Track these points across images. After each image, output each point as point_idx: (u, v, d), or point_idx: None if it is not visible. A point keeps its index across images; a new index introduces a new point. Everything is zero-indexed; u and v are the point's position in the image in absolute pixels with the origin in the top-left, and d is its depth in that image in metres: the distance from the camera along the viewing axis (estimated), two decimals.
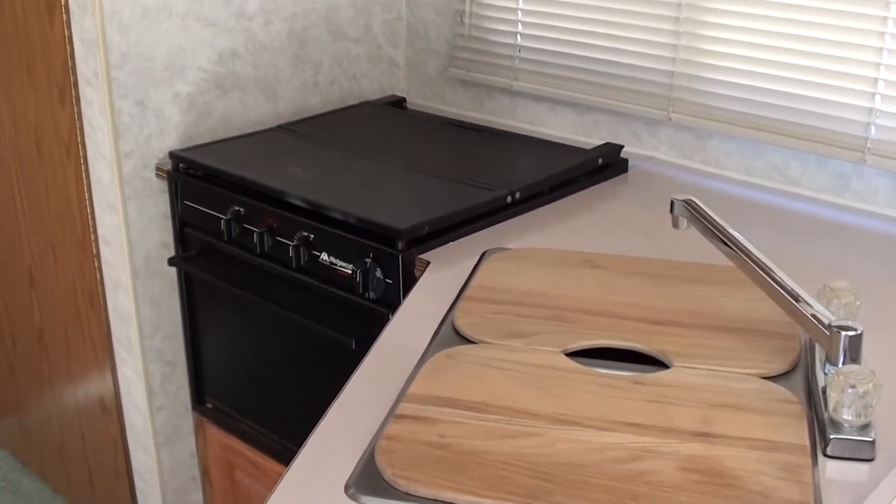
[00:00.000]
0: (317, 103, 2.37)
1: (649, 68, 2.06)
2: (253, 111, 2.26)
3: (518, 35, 2.26)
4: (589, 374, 1.26)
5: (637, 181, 2.01)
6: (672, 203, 1.41)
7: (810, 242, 1.73)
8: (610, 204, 1.90)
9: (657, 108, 2.07)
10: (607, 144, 2.06)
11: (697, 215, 1.38)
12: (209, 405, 2.22)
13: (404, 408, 1.18)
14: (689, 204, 1.40)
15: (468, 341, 1.35)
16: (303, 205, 1.80)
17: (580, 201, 1.90)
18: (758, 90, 1.93)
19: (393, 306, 1.65)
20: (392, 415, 1.17)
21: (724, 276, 1.50)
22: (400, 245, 1.64)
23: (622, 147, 2.04)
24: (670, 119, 2.05)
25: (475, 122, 2.31)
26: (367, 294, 1.69)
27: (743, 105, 1.95)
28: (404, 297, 1.59)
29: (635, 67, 2.08)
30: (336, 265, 1.75)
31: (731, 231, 1.34)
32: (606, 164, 2.00)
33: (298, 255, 1.79)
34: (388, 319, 1.58)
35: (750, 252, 1.31)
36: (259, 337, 2.00)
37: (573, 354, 1.31)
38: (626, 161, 2.04)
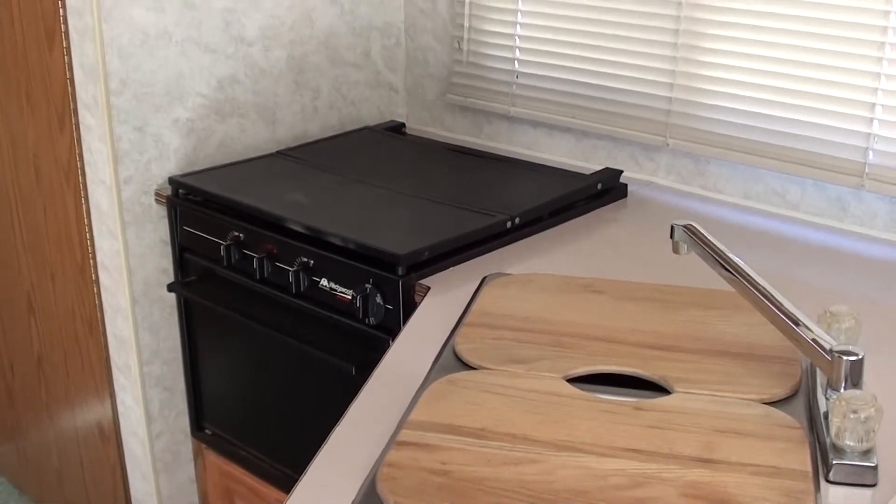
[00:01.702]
0: (316, 129, 2.38)
1: (647, 94, 2.07)
2: (252, 137, 2.27)
3: (516, 61, 2.27)
4: (590, 399, 1.26)
5: (636, 206, 2.01)
6: (672, 228, 1.41)
7: (810, 267, 1.73)
8: (609, 229, 1.90)
9: (655, 134, 2.08)
10: (606, 170, 2.06)
11: (697, 240, 1.38)
12: (208, 431, 2.21)
13: (405, 434, 1.18)
14: (689, 229, 1.40)
15: (469, 367, 1.34)
16: (302, 230, 1.80)
17: (580, 226, 1.90)
18: (756, 115, 1.93)
19: (393, 332, 1.65)
20: (393, 442, 1.17)
21: (725, 301, 1.50)
22: (400, 270, 1.64)
23: (621, 172, 2.05)
24: (668, 145, 2.06)
25: (474, 147, 2.31)
26: (367, 320, 1.69)
27: (741, 130, 1.96)
28: (404, 322, 1.59)
29: (633, 93, 2.09)
30: (336, 291, 1.75)
31: (731, 256, 1.34)
32: (605, 189, 2.00)
33: (298, 280, 1.79)
34: (388, 345, 1.59)
35: (750, 277, 1.31)
36: (259, 363, 2.00)
37: (574, 380, 1.31)
38: (625, 186, 2.04)
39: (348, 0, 2.36)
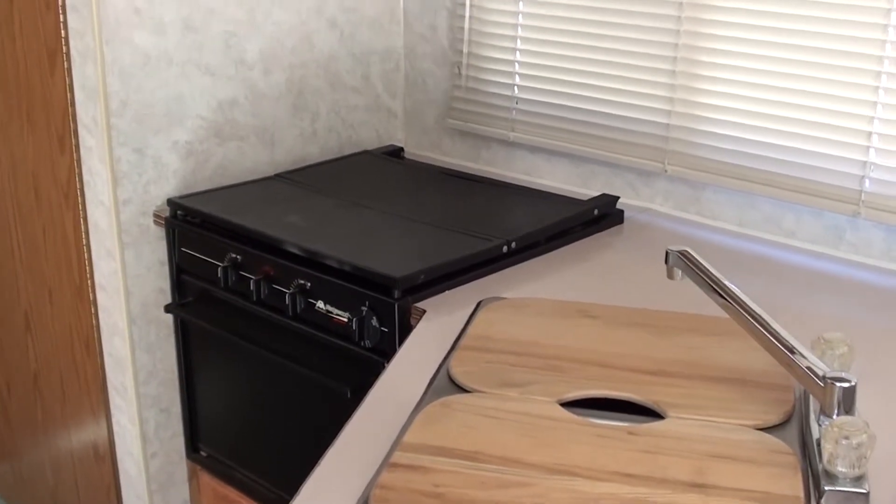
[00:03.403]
0: (315, 152, 2.39)
1: (645, 121, 2.08)
2: (251, 159, 2.28)
3: (515, 87, 2.28)
4: (583, 424, 1.26)
5: (633, 232, 2.02)
6: (667, 254, 1.41)
7: (804, 294, 1.73)
8: (606, 254, 1.90)
9: (653, 160, 2.09)
10: (603, 195, 2.07)
11: (692, 266, 1.38)
12: (203, 453, 2.21)
13: (399, 457, 1.18)
14: (683, 255, 1.40)
15: (463, 390, 1.35)
16: (299, 253, 1.80)
17: (576, 251, 1.90)
18: (753, 143, 1.95)
19: (388, 355, 1.65)
20: (386, 464, 1.17)
21: (719, 327, 1.50)
22: (396, 293, 1.65)
23: (618, 198, 2.06)
24: (666, 171, 2.06)
25: (472, 172, 2.32)
26: (362, 342, 1.70)
27: (738, 157, 1.97)
28: (400, 345, 1.59)
29: (631, 120, 2.10)
30: (332, 313, 1.75)
31: (725, 282, 1.35)
32: (602, 214, 2.01)
33: (295, 302, 1.79)
34: (383, 368, 1.59)
35: (744, 303, 1.32)
36: (254, 384, 2.00)
37: (568, 404, 1.31)
38: (622, 212, 2.05)
39: (348, 24, 2.38)
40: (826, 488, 1.12)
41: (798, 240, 1.96)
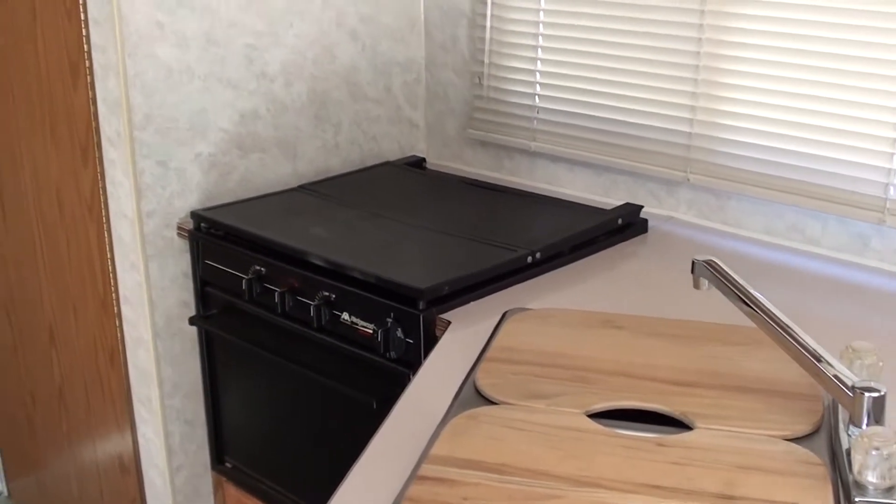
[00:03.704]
0: (337, 164, 2.39)
1: (668, 129, 2.08)
2: (274, 171, 2.28)
3: (536, 96, 2.28)
4: (611, 435, 1.26)
5: (657, 241, 2.01)
6: (693, 264, 1.41)
7: (831, 302, 1.72)
8: (630, 264, 1.90)
9: (676, 169, 2.08)
10: (627, 205, 2.06)
11: (718, 276, 1.38)
12: (229, 465, 2.22)
13: (426, 469, 1.18)
14: (710, 264, 1.40)
15: (490, 402, 1.34)
16: (324, 265, 1.81)
17: (600, 261, 1.90)
18: (777, 150, 1.94)
19: (414, 366, 1.65)
20: (414, 476, 1.17)
21: (745, 337, 1.50)
22: (421, 305, 1.65)
23: (642, 207, 2.05)
24: (689, 180, 2.06)
25: (494, 182, 2.32)
26: (388, 354, 1.70)
27: (762, 165, 1.96)
28: (425, 356, 1.59)
29: (654, 129, 2.10)
30: (357, 325, 1.75)
31: (752, 291, 1.34)
32: (626, 224, 2.01)
33: (319, 314, 1.79)
34: (409, 379, 1.59)
35: (771, 312, 1.31)
36: (279, 397, 2.00)
37: (595, 415, 1.31)
38: (645, 221, 2.04)
39: (369, 36, 2.38)
40: (856, 499, 1.11)
41: (823, 248, 1.95)
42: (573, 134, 2.24)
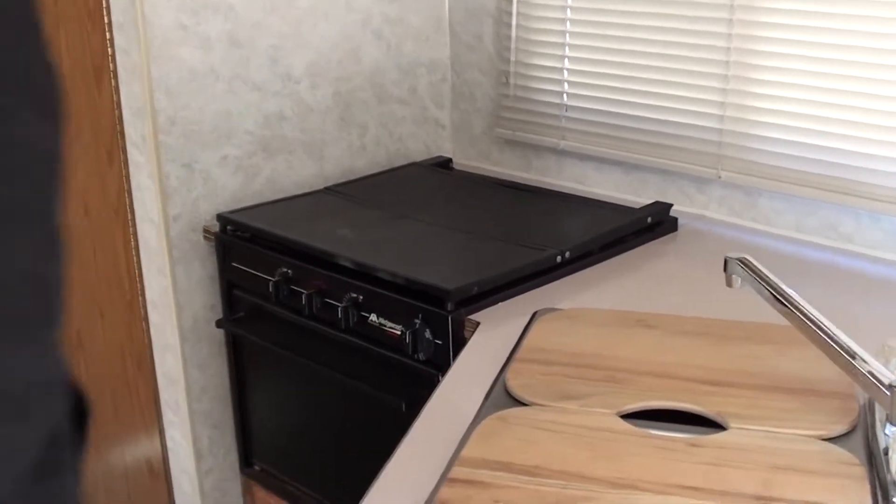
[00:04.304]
0: (363, 165, 2.38)
1: (698, 126, 2.05)
2: (300, 173, 2.27)
3: (564, 94, 2.26)
4: (644, 436, 1.24)
5: (687, 240, 1.99)
6: (725, 261, 1.39)
7: (866, 300, 1.70)
8: (660, 263, 1.88)
9: (706, 167, 2.05)
10: (657, 203, 2.04)
11: (752, 273, 1.36)
12: (257, 467, 2.21)
13: (457, 472, 1.16)
14: (743, 262, 1.37)
15: (521, 403, 1.33)
16: (351, 266, 1.79)
17: (630, 260, 1.88)
18: (808, 146, 1.91)
19: (443, 367, 1.64)
20: (445, 479, 1.15)
21: (778, 336, 1.47)
22: (449, 306, 1.63)
23: (671, 206, 2.03)
24: (720, 177, 2.03)
25: (522, 181, 2.30)
26: (416, 355, 1.68)
27: (794, 162, 1.93)
28: (454, 358, 1.58)
29: (684, 125, 2.07)
30: (385, 326, 1.74)
31: (785, 289, 1.32)
32: (656, 222, 1.98)
33: (347, 316, 1.78)
34: (437, 381, 1.57)
35: (806, 310, 1.29)
36: (307, 399, 1.99)
37: (627, 416, 1.29)
38: (675, 220, 2.02)
39: (394, 36, 2.37)
40: (895, 499, 1.09)
41: (857, 245, 1.92)
42: (602, 132, 2.21)
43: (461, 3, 2.44)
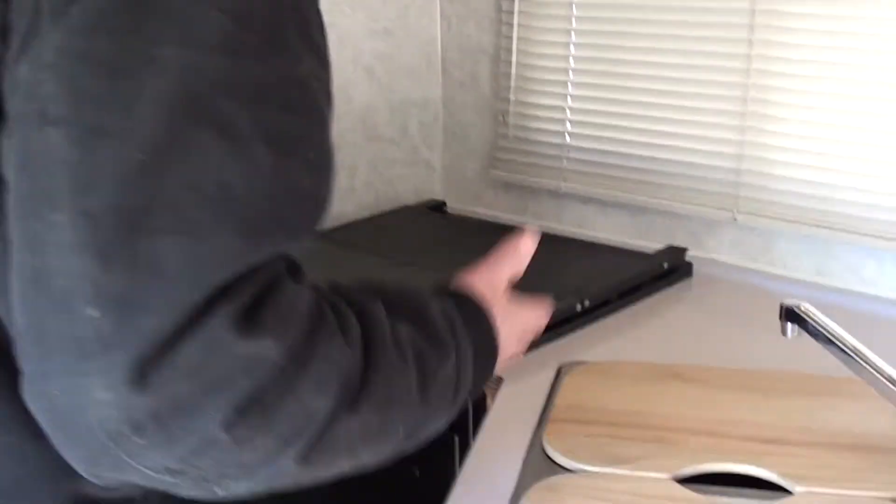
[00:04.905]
0: (352, 208, 2.25)
1: (712, 166, 1.94)
2: None
3: (566, 134, 2.15)
4: None
5: (703, 286, 1.89)
6: (781, 308, 1.28)
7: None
8: (680, 311, 1.78)
9: (721, 209, 1.95)
10: (671, 248, 1.93)
11: (811, 321, 1.25)
12: None
13: None
14: (799, 309, 1.27)
15: (564, 470, 1.21)
16: None
17: (648, 308, 1.77)
18: (828, 186, 1.82)
19: (459, 429, 1.50)
20: None
21: (825, 388, 1.37)
22: None
23: (686, 250, 1.92)
24: (736, 220, 1.93)
25: (519, 225, 2.19)
26: None
27: (813, 202, 1.84)
28: (473, 417, 1.45)
29: (696, 166, 1.97)
30: None
31: (848, 338, 1.22)
32: (671, 268, 1.88)
33: None
34: (453, 442, 1.45)
35: (872, 361, 1.19)
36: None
37: (683, 481, 1.18)
38: (690, 265, 1.91)
39: (385, 74, 2.25)
40: None
41: (881, 289, 1.83)
42: (607, 173, 2.10)
43: (455, 40, 2.33)
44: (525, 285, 1.73)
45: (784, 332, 1.29)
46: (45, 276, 0.67)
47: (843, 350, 1.21)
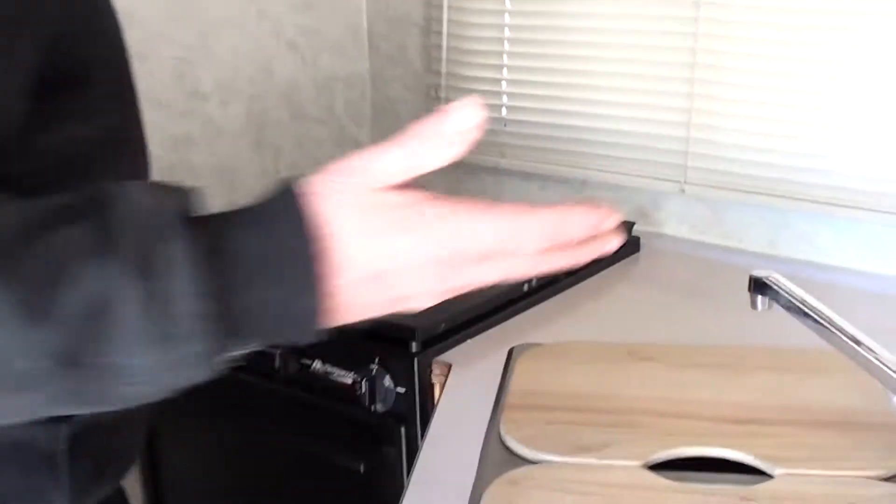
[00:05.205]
0: None
1: (659, 135, 1.86)
2: (210, 203, 2.01)
3: (503, 108, 2.05)
4: (685, 491, 1.03)
5: (652, 261, 1.81)
6: (750, 280, 1.19)
7: (860, 316, 1.53)
8: (628, 287, 1.70)
9: (667, 180, 1.87)
10: None
11: (783, 292, 1.16)
12: None
13: None
14: (770, 280, 1.18)
15: (526, 461, 1.10)
16: None
17: (596, 285, 1.69)
18: (778, 153, 1.74)
19: (407, 420, 1.41)
20: None
21: (794, 363, 1.29)
22: (414, 346, 1.40)
23: (633, 224, 1.84)
24: (684, 191, 1.85)
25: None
26: (373, 407, 1.44)
27: (764, 169, 1.76)
28: (421, 407, 1.35)
29: (642, 135, 1.88)
30: (332, 374, 1.49)
31: (823, 309, 1.13)
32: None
33: (285, 363, 1.53)
34: (400, 436, 1.35)
35: (850, 333, 1.10)
36: (243, 466, 1.72)
37: (655, 467, 1.08)
38: (637, 239, 1.83)
39: (309, 48, 2.13)
40: None
41: (836, 258, 1.76)
42: (548, 146, 2.01)
43: (381, 12, 2.21)
44: None
45: (754, 304, 1.19)
46: None
47: (818, 322, 1.12)
